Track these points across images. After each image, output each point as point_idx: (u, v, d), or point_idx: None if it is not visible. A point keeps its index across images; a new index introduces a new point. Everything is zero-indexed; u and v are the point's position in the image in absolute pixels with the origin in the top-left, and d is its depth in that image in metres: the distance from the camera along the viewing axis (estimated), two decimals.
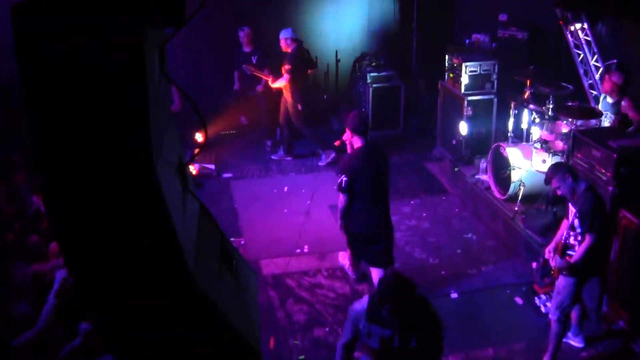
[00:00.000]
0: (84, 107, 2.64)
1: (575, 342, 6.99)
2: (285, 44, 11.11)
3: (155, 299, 2.93)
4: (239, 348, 3.11)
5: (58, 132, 2.64)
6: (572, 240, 6.45)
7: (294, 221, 9.56)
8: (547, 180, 6.58)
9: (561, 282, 6.44)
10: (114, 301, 2.94)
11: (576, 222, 6.34)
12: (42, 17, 2.56)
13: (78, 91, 2.61)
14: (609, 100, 8.62)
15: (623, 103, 8.41)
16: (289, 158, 11.81)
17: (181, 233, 2.88)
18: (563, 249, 6.49)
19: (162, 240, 2.82)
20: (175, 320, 2.97)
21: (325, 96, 13.43)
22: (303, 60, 11.35)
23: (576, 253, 6.31)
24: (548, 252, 6.66)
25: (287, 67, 10.91)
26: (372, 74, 12.70)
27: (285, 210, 9.89)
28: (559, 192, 6.54)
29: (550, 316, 6.63)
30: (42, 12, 2.56)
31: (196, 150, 10.02)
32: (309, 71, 11.72)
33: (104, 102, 2.63)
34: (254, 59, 11.29)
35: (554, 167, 6.66)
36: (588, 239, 6.23)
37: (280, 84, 11.09)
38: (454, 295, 7.90)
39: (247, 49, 11.57)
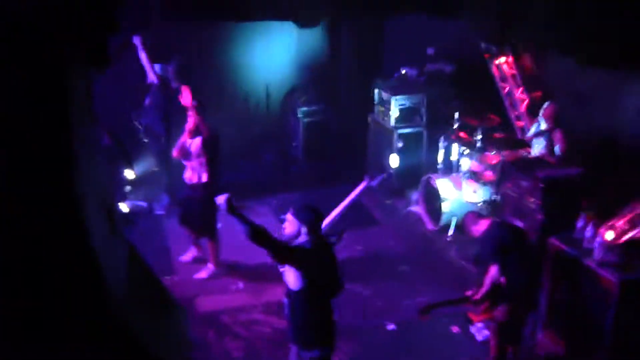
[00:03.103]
0: (8, 141, 2.57)
1: None
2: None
3: (81, 344, 2.87)
4: None
5: None
6: None
7: (227, 257, 9.44)
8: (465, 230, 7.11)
9: (498, 309, 6.57)
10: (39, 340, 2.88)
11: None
12: None
13: (2, 126, 2.55)
14: (543, 126, 8.81)
15: (557, 134, 8.64)
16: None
17: (109, 276, 2.83)
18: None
19: (88, 284, 2.77)
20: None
21: (255, 130, 13.43)
22: None
23: (484, 285, 6.48)
24: None
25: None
26: (302, 108, 12.76)
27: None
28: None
29: (490, 343, 6.78)
30: None
31: (128, 188, 9.88)
32: None
33: (29, 139, 2.56)
34: None
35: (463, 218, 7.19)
36: (489, 270, 6.44)
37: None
38: (391, 326, 7.93)
39: (174, 85, 11.42)
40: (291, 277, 5.51)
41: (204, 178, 8.58)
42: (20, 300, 2.84)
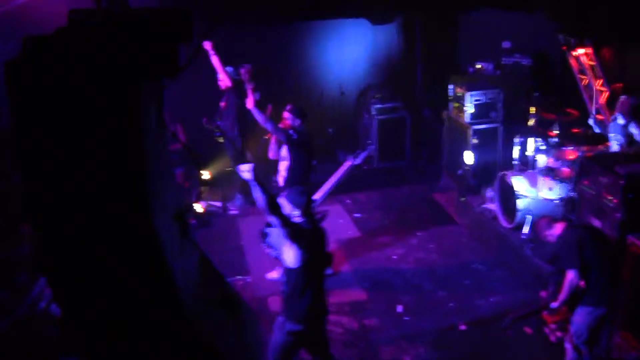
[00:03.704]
0: (79, 155, 2.64)
1: None
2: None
3: (154, 347, 2.92)
4: None
5: (52, 184, 2.64)
6: None
7: None
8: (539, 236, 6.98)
9: (575, 311, 6.43)
10: (111, 347, 2.92)
11: None
12: (37, 72, 2.58)
13: (73, 140, 2.61)
14: (620, 121, 8.56)
15: (634, 127, 8.38)
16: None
17: (180, 281, 2.87)
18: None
19: (160, 289, 2.81)
20: None
21: (330, 129, 13.46)
22: None
23: (562, 290, 6.32)
24: None
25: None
26: (376, 106, 12.72)
27: None
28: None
29: (565, 344, 6.62)
30: (36, 68, 2.58)
31: (202, 189, 10.02)
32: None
33: (100, 150, 2.63)
34: (257, 96, 11.30)
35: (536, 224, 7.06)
36: (567, 275, 6.27)
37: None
38: (463, 327, 7.82)
39: (247, 87, 11.56)
40: (290, 255, 5.79)
41: (281, 182, 8.56)
42: (93, 303, 2.90)
